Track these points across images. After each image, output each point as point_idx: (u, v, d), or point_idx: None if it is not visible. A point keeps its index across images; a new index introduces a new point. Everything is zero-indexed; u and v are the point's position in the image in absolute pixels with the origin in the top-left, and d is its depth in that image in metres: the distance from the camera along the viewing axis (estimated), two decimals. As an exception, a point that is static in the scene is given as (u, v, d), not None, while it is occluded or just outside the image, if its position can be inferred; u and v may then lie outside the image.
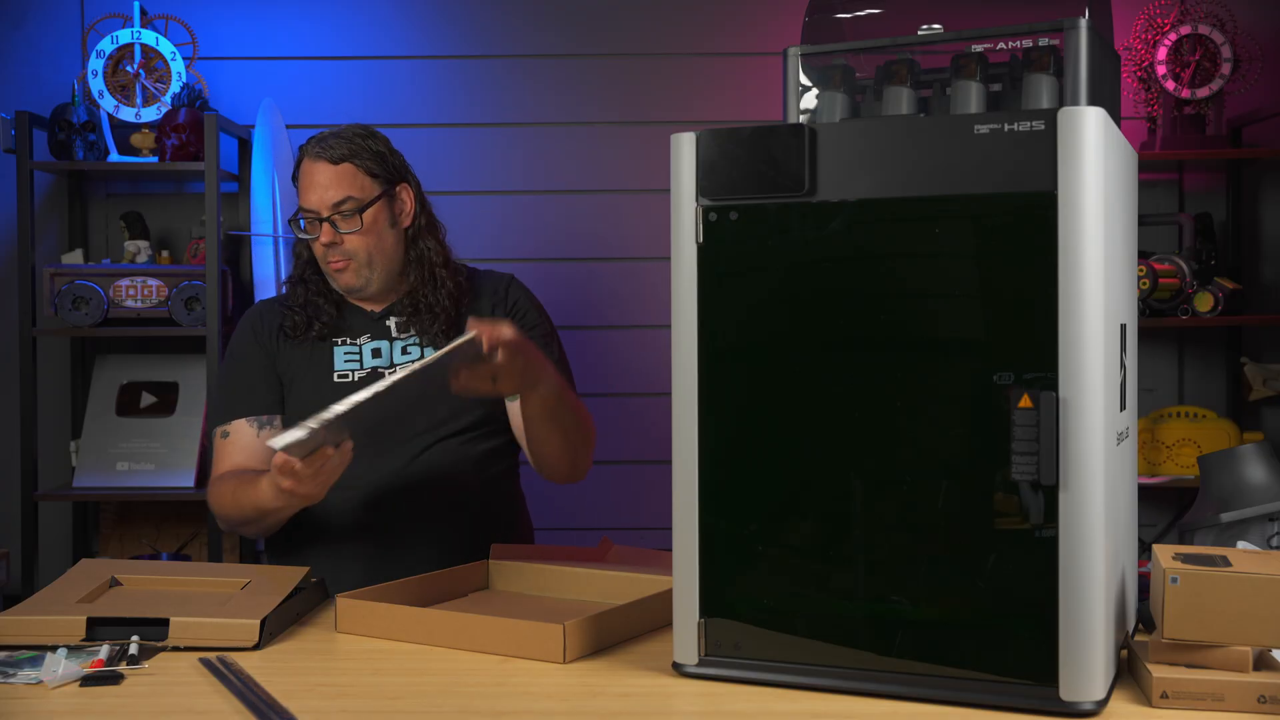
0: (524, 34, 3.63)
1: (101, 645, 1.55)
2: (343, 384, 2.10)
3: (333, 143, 2.08)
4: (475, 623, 1.60)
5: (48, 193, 3.61)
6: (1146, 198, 3.59)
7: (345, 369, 2.12)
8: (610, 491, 3.59)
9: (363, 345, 2.14)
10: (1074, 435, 1.29)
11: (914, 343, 1.37)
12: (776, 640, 1.43)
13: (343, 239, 2.07)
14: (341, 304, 2.16)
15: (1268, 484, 2.03)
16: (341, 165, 2.07)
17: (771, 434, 1.43)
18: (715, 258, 1.44)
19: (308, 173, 2.08)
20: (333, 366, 2.12)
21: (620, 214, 3.63)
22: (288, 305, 2.16)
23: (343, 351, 2.14)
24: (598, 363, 3.61)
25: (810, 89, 1.57)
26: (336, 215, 2.06)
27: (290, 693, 1.41)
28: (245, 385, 2.12)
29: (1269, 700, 1.32)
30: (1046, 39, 1.47)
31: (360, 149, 2.09)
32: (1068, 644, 1.30)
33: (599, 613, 1.60)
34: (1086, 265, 1.29)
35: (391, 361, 2.13)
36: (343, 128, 2.12)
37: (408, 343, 2.14)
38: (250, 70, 3.61)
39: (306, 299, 2.14)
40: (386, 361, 2.13)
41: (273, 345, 2.14)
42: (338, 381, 2.11)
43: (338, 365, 2.13)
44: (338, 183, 2.07)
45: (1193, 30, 3.48)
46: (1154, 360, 3.65)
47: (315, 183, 2.07)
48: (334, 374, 2.12)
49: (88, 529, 3.59)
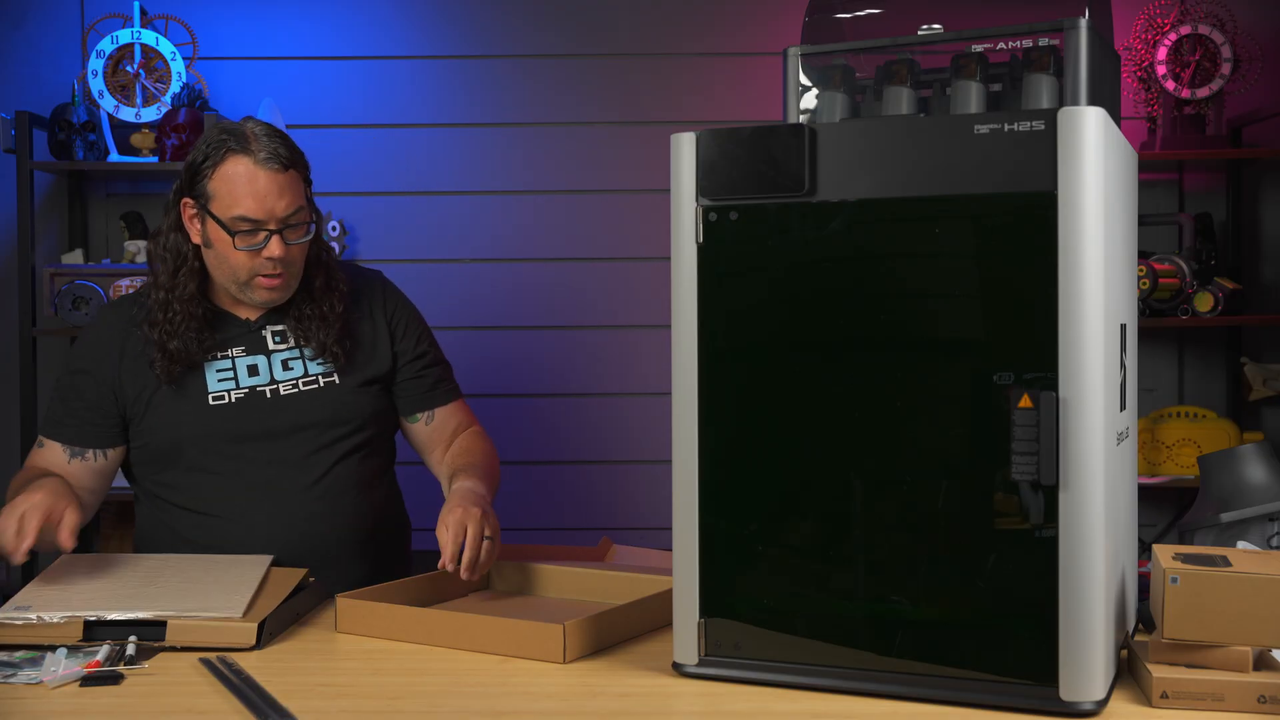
0: (524, 34, 3.63)
1: (100, 646, 1.55)
2: (219, 407, 1.94)
3: (274, 147, 1.88)
4: (475, 623, 1.60)
5: (48, 193, 3.61)
6: (1146, 198, 3.59)
7: (220, 389, 1.95)
8: (610, 491, 3.60)
9: (236, 360, 1.97)
10: (1074, 435, 1.29)
11: (914, 343, 1.37)
12: (776, 640, 1.43)
13: (291, 252, 1.91)
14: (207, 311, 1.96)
15: (1268, 484, 2.03)
16: (289, 172, 1.89)
17: (771, 434, 1.43)
18: (715, 258, 1.44)
19: (249, 178, 1.86)
20: (206, 388, 1.95)
21: (620, 214, 3.63)
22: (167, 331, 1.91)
23: (215, 368, 1.96)
24: (597, 363, 3.61)
25: (810, 89, 1.57)
26: (287, 227, 1.89)
27: (290, 693, 1.41)
28: (73, 410, 1.96)
29: (1269, 700, 1.32)
30: (1046, 39, 1.47)
31: (296, 152, 1.92)
32: (1068, 644, 1.30)
33: (599, 613, 1.60)
34: (1086, 265, 1.29)
35: (273, 378, 1.97)
36: (261, 125, 1.92)
37: (288, 356, 1.99)
38: (250, 70, 3.62)
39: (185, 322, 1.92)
40: (266, 379, 1.97)
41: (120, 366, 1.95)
42: (213, 405, 1.94)
43: (211, 385, 1.95)
44: (290, 191, 1.89)
45: (1193, 30, 3.48)
46: (1154, 360, 3.65)
47: (260, 190, 1.86)
48: (208, 396, 1.94)
49: (88, 529, 3.59)
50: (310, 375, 1.99)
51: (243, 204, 1.86)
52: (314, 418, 1.98)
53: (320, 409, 1.98)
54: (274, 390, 1.97)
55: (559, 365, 3.59)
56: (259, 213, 1.87)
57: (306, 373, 1.99)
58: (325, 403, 1.99)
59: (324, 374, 2.00)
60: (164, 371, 1.92)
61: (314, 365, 2.00)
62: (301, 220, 1.91)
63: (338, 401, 1.99)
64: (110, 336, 1.98)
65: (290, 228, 1.90)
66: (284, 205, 1.88)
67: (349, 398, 2.00)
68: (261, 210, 1.87)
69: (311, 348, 1.99)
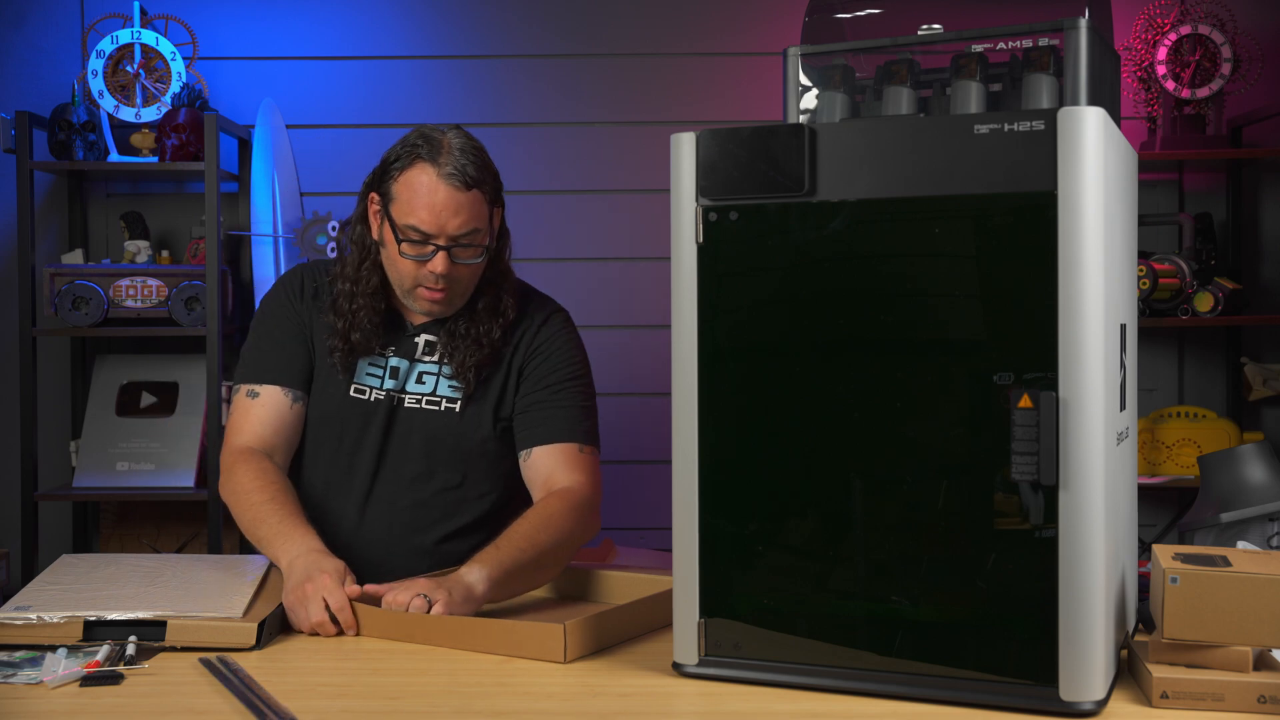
0: (524, 34, 3.63)
1: (100, 646, 1.55)
2: (358, 400, 1.94)
3: (463, 163, 1.85)
4: (476, 623, 1.60)
5: (48, 193, 3.61)
6: (1146, 198, 3.59)
7: (365, 384, 1.95)
8: (610, 491, 3.59)
9: (389, 360, 1.96)
10: (1074, 435, 1.29)
11: (914, 343, 1.37)
12: (776, 640, 1.43)
13: (457, 270, 1.88)
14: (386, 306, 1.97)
15: (1268, 484, 2.03)
16: (471, 192, 1.86)
17: (771, 434, 1.43)
18: (715, 258, 1.44)
19: (429, 190, 1.84)
20: (353, 376, 1.95)
21: (620, 214, 3.63)
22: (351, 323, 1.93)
23: (367, 362, 1.96)
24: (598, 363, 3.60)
25: (810, 89, 1.57)
26: (457, 245, 1.87)
27: (290, 693, 1.40)
28: (280, 348, 1.96)
29: (1269, 700, 1.32)
30: (1046, 39, 1.47)
31: (486, 173, 1.89)
32: (1068, 644, 1.30)
33: (599, 613, 1.60)
34: (1086, 265, 1.29)
35: (403, 388, 1.96)
36: (461, 138, 1.89)
37: (425, 369, 1.96)
38: (250, 70, 3.62)
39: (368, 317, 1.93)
40: (399, 386, 1.95)
41: (313, 318, 1.97)
42: (353, 396, 1.95)
43: (358, 376, 1.96)
44: (467, 211, 1.86)
45: (1193, 30, 3.48)
46: (1154, 360, 3.65)
47: (438, 204, 1.84)
48: (352, 385, 1.95)
49: (88, 529, 3.59)
50: (436, 395, 1.95)
51: (417, 214, 1.85)
52: (414, 439, 1.94)
53: (421, 431, 1.94)
54: (400, 400, 1.95)
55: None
56: (430, 226, 1.85)
57: (434, 391, 1.95)
58: (431, 427, 1.95)
59: (449, 397, 1.95)
60: (342, 360, 1.94)
61: (445, 385, 1.95)
62: (476, 242, 1.88)
63: (444, 429, 1.94)
64: (301, 290, 1.99)
65: (461, 246, 1.87)
66: (458, 224, 1.85)
67: (455, 426, 1.94)
68: (433, 224, 1.85)
69: (451, 366, 1.95)
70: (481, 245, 1.90)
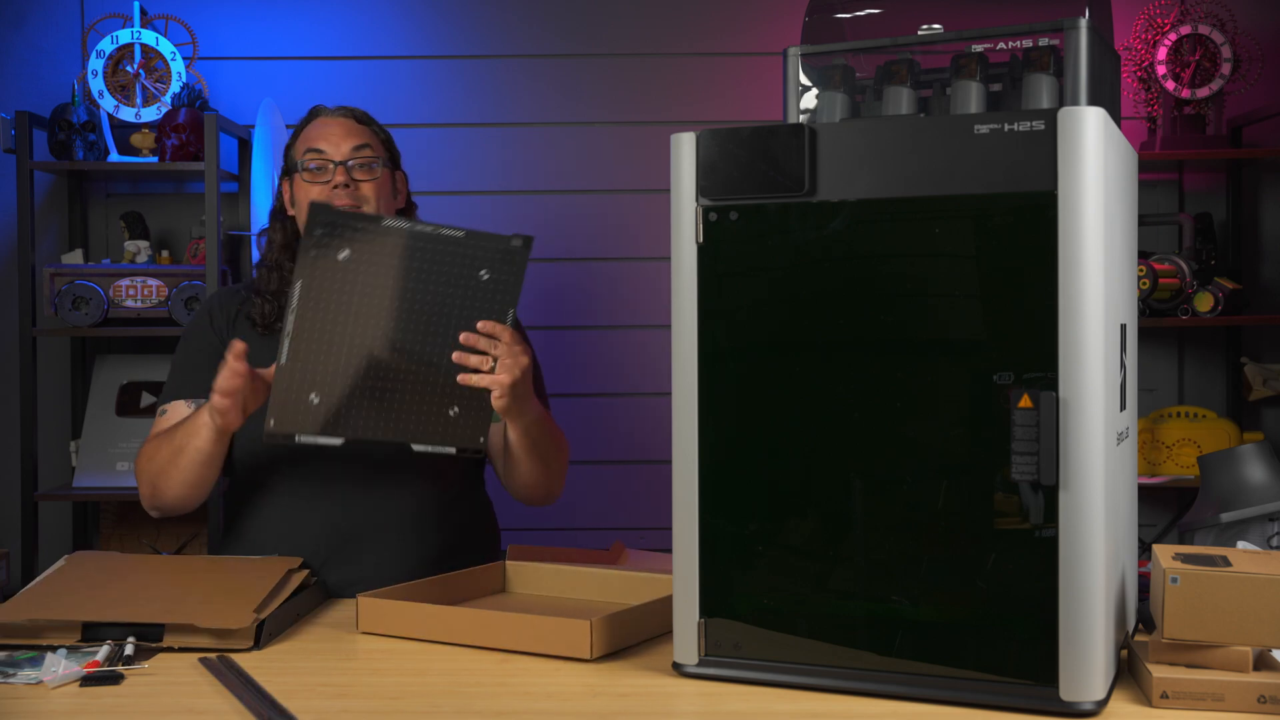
0: (524, 34, 3.63)
1: (100, 646, 1.55)
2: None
3: (348, 108, 2.11)
4: (500, 620, 1.60)
5: (48, 193, 3.61)
6: (1146, 198, 3.59)
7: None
8: (610, 491, 3.60)
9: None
10: (1074, 435, 1.29)
11: (914, 343, 1.37)
12: (776, 640, 1.43)
13: (356, 184, 2.03)
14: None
15: (1268, 484, 2.03)
16: (361, 125, 2.09)
17: (771, 434, 1.43)
18: (715, 258, 1.44)
19: (323, 125, 2.07)
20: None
21: (620, 214, 3.63)
22: (258, 292, 2.08)
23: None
24: (598, 363, 3.61)
25: (810, 89, 1.57)
26: (355, 160, 2.05)
27: (290, 693, 1.41)
28: (190, 367, 2.06)
29: (1269, 700, 1.32)
30: (1046, 39, 1.47)
31: (375, 124, 2.12)
32: (1068, 644, 1.30)
33: (626, 609, 1.61)
34: (1086, 265, 1.29)
35: None
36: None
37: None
38: (250, 70, 3.61)
39: (280, 286, 2.05)
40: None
41: (228, 332, 2.05)
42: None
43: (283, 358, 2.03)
44: (359, 135, 2.07)
45: (1193, 30, 3.48)
46: (1154, 360, 3.65)
47: (333, 133, 2.06)
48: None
49: (88, 529, 3.59)
50: None
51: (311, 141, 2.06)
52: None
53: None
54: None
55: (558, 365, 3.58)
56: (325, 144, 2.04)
57: None
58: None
59: None
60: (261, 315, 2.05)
61: None
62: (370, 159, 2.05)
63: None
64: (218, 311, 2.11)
65: (359, 167, 2.04)
66: (351, 144, 2.05)
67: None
68: (327, 143, 2.05)
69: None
70: (377, 159, 2.07)
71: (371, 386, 1.78)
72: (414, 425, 1.81)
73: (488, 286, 1.80)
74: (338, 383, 1.76)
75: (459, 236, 1.77)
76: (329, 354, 1.75)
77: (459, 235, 1.77)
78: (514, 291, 1.82)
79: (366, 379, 1.77)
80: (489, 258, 1.79)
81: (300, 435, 1.75)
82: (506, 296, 1.81)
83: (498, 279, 1.80)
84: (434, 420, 1.82)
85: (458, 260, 1.78)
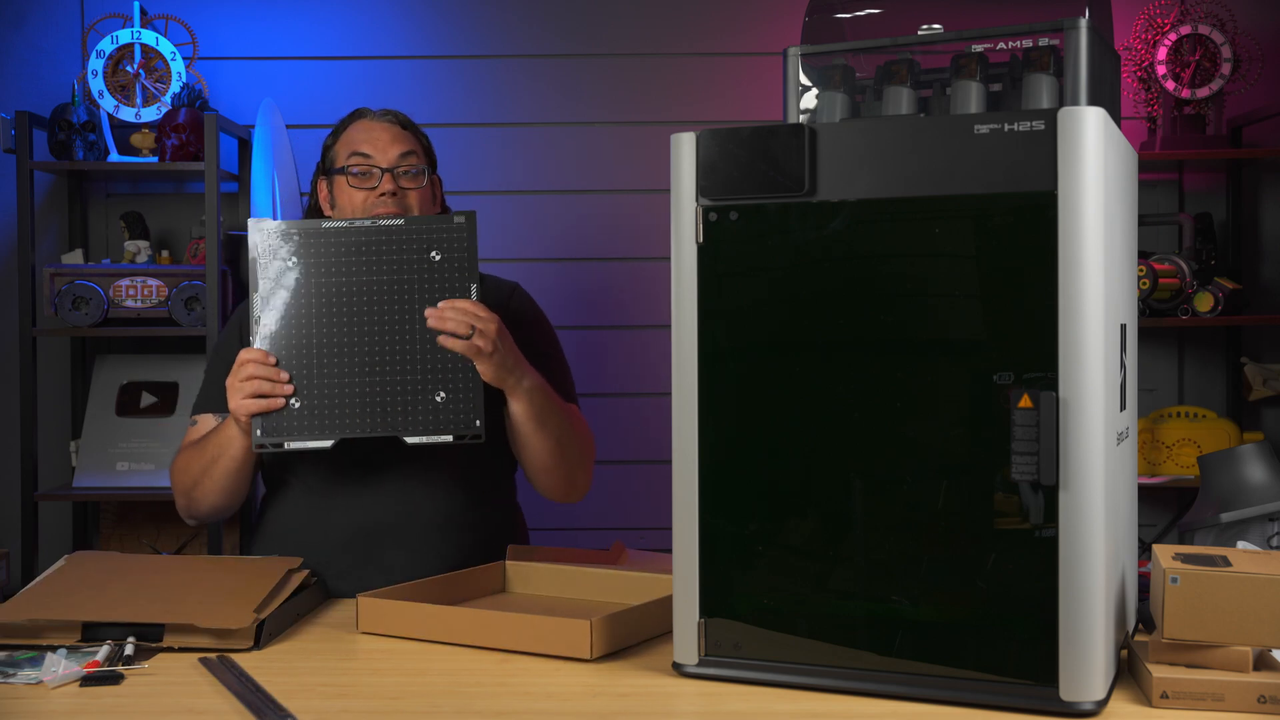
0: (524, 34, 3.63)
1: (100, 646, 1.55)
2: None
3: (393, 113, 2.10)
4: (501, 620, 1.60)
5: (48, 193, 3.61)
6: (1146, 198, 3.59)
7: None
8: (610, 491, 3.59)
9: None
10: (1074, 435, 1.29)
11: (914, 343, 1.37)
12: (776, 640, 1.43)
13: (403, 192, 2.03)
14: None
15: (1268, 484, 2.03)
16: (406, 131, 2.08)
17: (771, 434, 1.43)
18: (715, 258, 1.44)
19: (366, 129, 2.06)
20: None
21: (620, 214, 3.63)
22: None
23: None
24: (598, 363, 3.60)
25: (810, 89, 1.57)
26: (402, 168, 2.04)
27: (290, 693, 1.41)
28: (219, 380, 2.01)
29: (1269, 700, 1.32)
30: (1046, 39, 1.47)
31: (416, 128, 2.12)
32: (1068, 644, 1.30)
33: (625, 609, 1.61)
34: (1086, 265, 1.29)
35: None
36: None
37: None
38: (250, 70, 3.61)
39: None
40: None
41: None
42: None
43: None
44: (404, 142, 2.06)
45: (1193, 30, 3.48)
46: (1154, 360, 3.65)
47: (378, 137, 2.04)
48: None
49: (88, 529, 3.59)
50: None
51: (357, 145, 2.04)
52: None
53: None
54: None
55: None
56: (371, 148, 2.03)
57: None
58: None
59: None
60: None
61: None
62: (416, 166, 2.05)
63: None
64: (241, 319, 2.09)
65: (404, 174, 2.04)
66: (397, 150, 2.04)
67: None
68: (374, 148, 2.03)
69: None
70: (422, 167, 2.07)
71: (350, 384, 1.83)
72: (402, 417, 1.84)
73: (442, 267, 1.86)
74: (315, 385, 1.82)
75: (399, 224, 1.85)
76: (300, 359, 1.83)
77: (399, 223, 1.85)
78: (471, 268, 1.87)
79: (344, 377, 1.83)
80: (436, 239, 1.86)
81: (288, 441, 1.81)
82: (464, 274, 1.87)
83: (450, 258, 1.86)
84: (421, 409, 1.84)
85: (405, 246, 1.84)
